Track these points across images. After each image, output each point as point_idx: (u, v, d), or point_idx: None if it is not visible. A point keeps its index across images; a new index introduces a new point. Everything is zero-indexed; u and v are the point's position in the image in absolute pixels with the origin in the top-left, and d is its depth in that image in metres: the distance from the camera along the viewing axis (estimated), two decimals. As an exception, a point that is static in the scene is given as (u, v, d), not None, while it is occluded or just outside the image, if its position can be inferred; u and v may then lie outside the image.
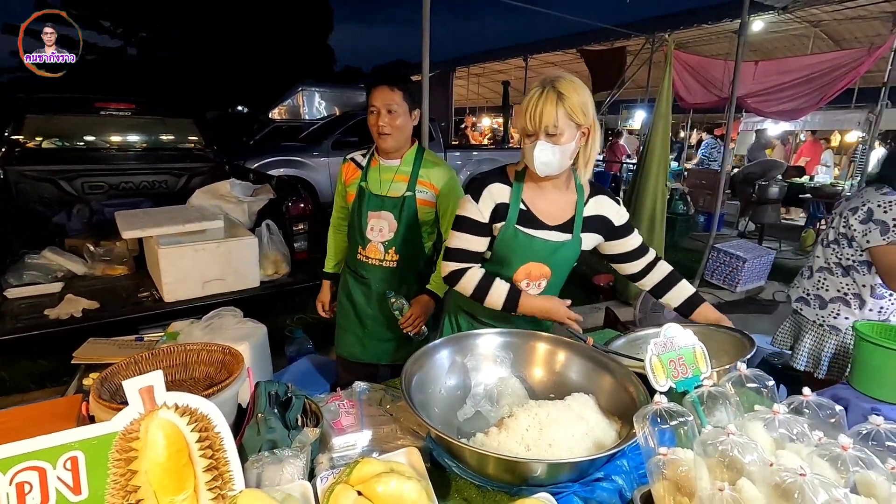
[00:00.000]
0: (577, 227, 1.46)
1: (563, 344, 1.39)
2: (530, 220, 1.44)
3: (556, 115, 1.29)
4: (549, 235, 1.45)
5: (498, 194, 1.43)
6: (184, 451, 0.87)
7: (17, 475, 0.77)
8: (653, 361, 1.06)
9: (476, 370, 1.36)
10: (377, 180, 1.83)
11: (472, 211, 1.44)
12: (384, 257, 1.85)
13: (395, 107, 1.72)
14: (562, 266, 1.51)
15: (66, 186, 4.09)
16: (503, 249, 1.45)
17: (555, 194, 1.46)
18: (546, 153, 1.32)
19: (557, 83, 1.30)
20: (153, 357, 1.10)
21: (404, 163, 1.82)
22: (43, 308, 2.38)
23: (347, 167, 1.92)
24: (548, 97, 1.29)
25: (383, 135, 1.73)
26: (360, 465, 0.94)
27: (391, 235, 1.82)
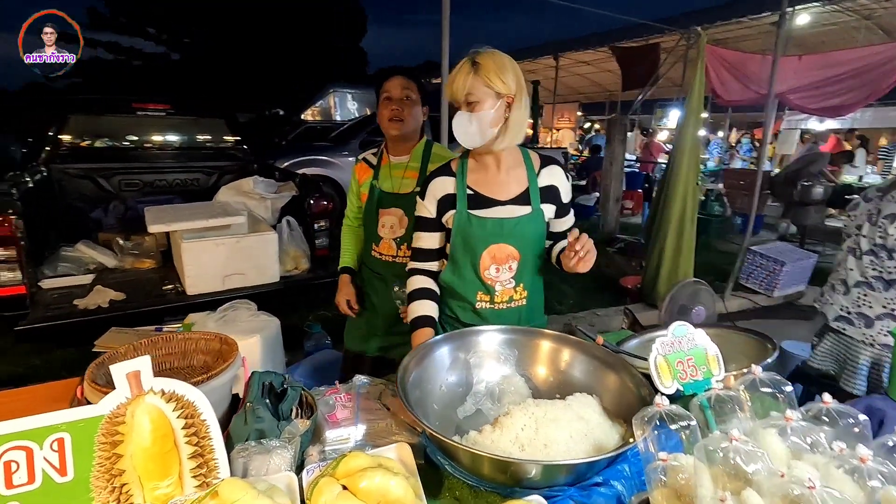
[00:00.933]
0: (535, 197, 1.40)
1: (569, 342, 1.33)
2: (480, 202, 1.40)
3: (469, 84, 1.29)
4: (503, 212, 1.39)
5: (440, 187, 1.43)
6: (169, 436, 0.87)
7: (4, 454, 0.78)
8: (658, 361, 1.00)
9: (478, 367, 1.32)
10: (388, 178, 1.83)
11: (420, 209, 1.47)
12: (397, 253, 1.85)
13: (410, 93, 1.73)
14: (529, 243, 1.41)
15: (104, 184, 4.27)
16: (460, 238, 1.40)
17: (501, 171, 1.41)
18: (463, 122, 1.31)
19: (476, 55, 1.31)
20: (152, 345, 1.12)
21: (413, 158, 1.82)
22: (73, 298, 2.49)
23: (360, 167, 1.94)
24: (463, 68, 1.30)
25: (395, 120, 1.72)
26: (347, 459, 0.92)
27: (403, 232, 1.81)
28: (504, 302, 1.44)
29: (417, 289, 1.47)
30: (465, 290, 1.43)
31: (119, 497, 0.83)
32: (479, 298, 1.43)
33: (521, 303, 1.46)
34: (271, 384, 1.10)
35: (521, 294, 1.46)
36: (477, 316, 1.45)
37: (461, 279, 1.44)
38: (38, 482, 0.80)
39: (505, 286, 1.43)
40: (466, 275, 1.42)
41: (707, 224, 6.96)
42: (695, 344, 1.05)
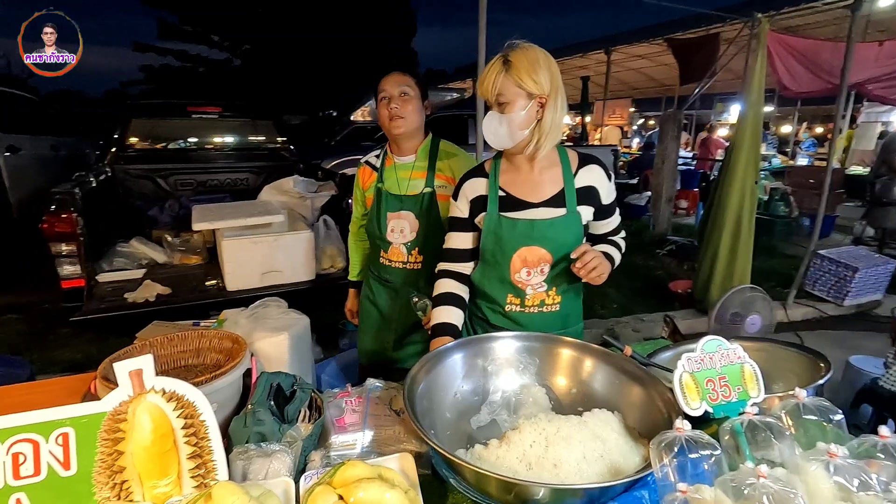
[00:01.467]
0: (571, 199, 1.33)
1: (594, 353, 1.25)
2: (512, 204, 1.35)
3: (500, 84, 1.23)
4: (536, 214, 1.33)
5: (472, 189, 1.40)
6: (169, 436, 0.87)
7: (13, 445, 0.81)
8: (683, 379, 0.90)
9: (496, 375, 1.26)
10: (394, 180, 1.74)
11: (453, 210, 1.44)
12: (407, 259, 1.76)
13: (407, 89, 1.64)
14: (563, 247, 1.33)
15: (162, 183, 4.52)
16: (490, 241, 1.36)
17: (534, 171, 1.35)
18: (493, 123, 1.27)
19: (509, 52, 1.26)
20: (168, 342, 1.14)
21: (419, 157, 1.73)
22: (125, 292, 2.63)
23: (363, 171, 1.86)
24: (493, 66, 1.25)
25: (396, 119, 1.63)
26: (345, 468, 0.89)
27: (413, 236, 1.73)
28: (535, 306, 1.38)
29: (443, 293, 1.43)
30: (495, 292, 1.40)
31: (120, 493, 0.84)
32: (510, 301, 1.39)
33: (554, 308, 1.40)
34: (279, 385, 1.09)
35: (555, 299, 1.39)
36: (507, 319, 1.40)
37: (491, 281, 1.41)
38: (43, 475, 0.82)
39: (536, 290, 1.37)
40: (496, 277, 1.39)
41: (770, 226, 6.49)
42: (729, 360, 0.95)
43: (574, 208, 1.33)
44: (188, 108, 4.66)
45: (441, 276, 1.47)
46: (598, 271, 1.26)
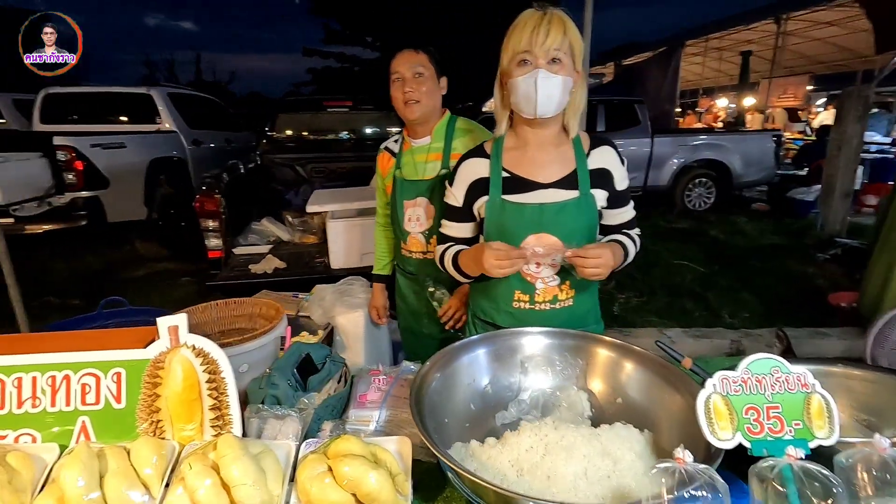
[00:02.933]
0: (584, 181, 1.19)
1: (647, 361, 1.09)
2: (518, 185, 1.21)
3: (560, 40, 1.10)
4: (545, 196, 1.19)
5: (471, 171, 1.27)
6: (196, 387, 0.98)
7: (83, 377, 0.98)
8: (711, 402, 0.74)
9: (532, 372, 1.18)
10: (411, 164, 1.65)
11: (448, 196, 1.33)
12: (426, 249, 1.65)
13: (421, 69, 1.54)
14: (576, 233, 1.19)
15: (300, 170, 5.08)
16: (494, 229, 1.23)
17: (545, 149, 1.21)
18: (551, 84, 1.11)
19: (556, 11, 1.12)
20: (226, 306, 1.28)
21: (435, 138, 1.62)
22: (250, 263, 3.04)
23: (382, 157, 1.77)
24: (553, 19, 1.10)
25: (410, 102, 1.54)
26: (340, 441, 0.92)
27: (430, 224, 1.62)
28: (547, 301, 1.25)
29: (449, 246, 1.33)
30: (500, 288, 1.27)
31: (155, 430, 0.97)
32: (517, 298, 1.26)
33: (567, 303, 1.26)
34: (308, 356, 1.15)
35: (568, 294, 1.25)
36: (514, 318, 1.27)
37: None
38: (101, 404, 0.98)
39: (548, 283, 1.24)
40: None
41: None
42: (788, 387, 0.75)
43: (587, 190, 1.20)
44: (324, 103, 5.15)
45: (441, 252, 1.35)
46: (598, 271, 1.12)
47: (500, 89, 1.23)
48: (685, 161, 7.02)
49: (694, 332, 3.32)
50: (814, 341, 3.19)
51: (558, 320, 1.24)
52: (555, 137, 1.25)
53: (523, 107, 1.17)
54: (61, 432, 0.98)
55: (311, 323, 2.10)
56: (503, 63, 1.19)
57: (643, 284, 4.31)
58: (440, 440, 0.96)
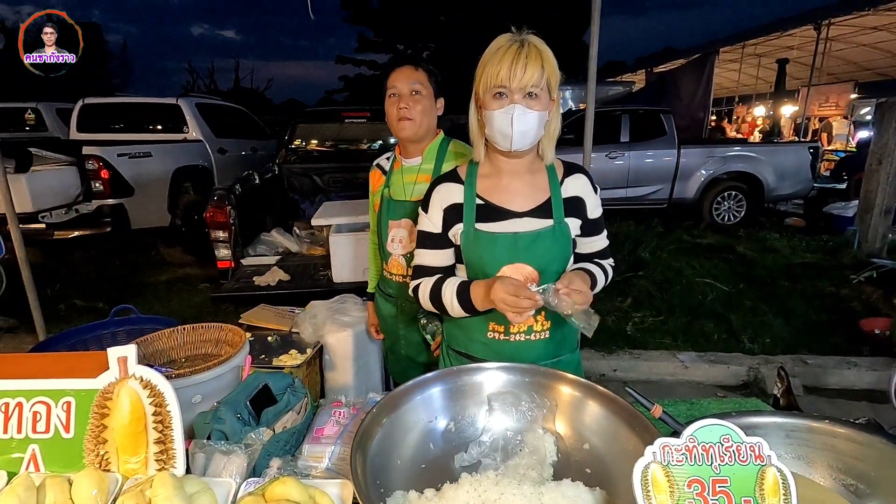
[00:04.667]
0: (558, 209, 1.19)
1: (616, 407, 1.02)
2: (491, 214, 1.17)
3: (537, 76, 1.06)
4: (518, 225, 1.16)
5: (446, 196, 1.23)
6: (142, 419, 0.97)
7: (34, 405, 0.99)
8: (650, 473, 0.67)
9: (495, 412, 1.12)
10: (400, 184, 1.62)
11: (423, 222, 1.27)
12: (407, 273, 1.60)
13: (419, 87, 1.50)
14: (551, 262, 1.18)
15: (317, 180, 5.14)
16: (470, 258, 1.19)
17: (519, 177, 1.18)
18: (526, 120, 1.08)
19: (532, 40, 1.08)
20: (193, 331, 1.27)
21: (426, 159, 1.58)
22: (255, 275, 3.07)
23: (374, 174, 1.74)
24: (530, 52, 1.06)
25: (404, 120, 1.51)
26: (277, 484, 0.89)
27: (412, 247, 1.52)
28: (521, 332, 1.21)
29: (438, 279, 1.24)
30: (474, 318, 1.23)
31: (101, 462, 0.97)
32: (492, 329, 1.22)
33: (543, 335, 1.21)
34: (265, 387, 1.13)
35: (544, 325, 1.21)
36: (488, 350, 1.23)
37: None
38: (51, 433, 0.98)
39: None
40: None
41: None
42: (739, 458, 0.68)
43: (562, 219, 1.18)
44: (342, 114, 5.21)
45: (417, 288, 1.28)
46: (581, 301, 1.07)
47: (477, 114, 1.19)
48: (714, 173, 6.77)
49: (709, 356, 3.18)
50: (840, 371, 3.00)
51: (534, 351, 1.21)
52: (529, 165, 1.22)
53: (499, 140, 1.14)
54: (13, 460, 0.98)
55: (301, 341, 2.10)
56: (478, 90, 1.15)
57: (661, 302, 4.15)
58: (385, 484, 0.93)
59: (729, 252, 5.60)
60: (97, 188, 4.56)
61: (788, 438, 0.98)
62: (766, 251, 5.69)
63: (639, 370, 3.14)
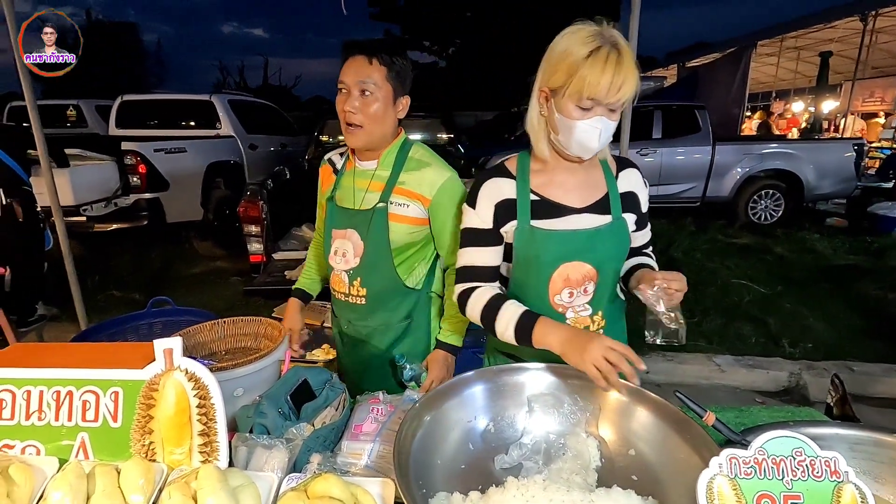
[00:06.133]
0: (616, 204, 1.15)
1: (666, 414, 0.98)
2: (549, 210, 1.13)
3: (629, 87, 1.01)
4: (579, 222, 1.12)
5: (497, 191, 1.16)
6: (186, 411, 0.98)
7: (84, 394, 1.01)
8: (716, 486, 0.64)
9: (536, 413, 1.10)
10: (350, 189, 1.40)
11: (471, 219, 1.18)
12: (349, 291, 1.41)
13: (370, 86, 1.25)
14: (610, 260, 1.14)
15: (346, 176, 5.18)
16: (524, 256, 1.14)
17: (574, 173, 1.14)
18: (609, 132, 1.06)
19: (623, 46, 1.01)
20: (234, 324, 1.28)
21: (381, 165, 1.37)
22: (285, 270, 3.11)
23: (325, 171, 1.51)
24: (628, 64, 1.00)
25: (350, 126, 1.28)
26: (320, 480, 0.89)
27: (356, 262, 1.37)
28: None
29: (495, 296, 1.14)
30: None
31: (147, 452, 0.98)
32: None
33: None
34: (305, 381, 1.13)
35: (599, 324, 1.18)
36: (538, 351, 1.19)
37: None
38: (100, 422, 1.00)
39: (578, 314, 1.17)
40: (531, 301, 1.17)
41: None
42: (814, 474, 0.64)
43: (619, 215, 1.15)
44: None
45: (466, 294, 1.18)
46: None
47: (544, 104, 1.11)
48: (750, 170, 6.55)
49: (748, 360, 3.07)
50: (887, 379, 2.86)
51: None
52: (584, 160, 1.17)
53: (575, 150, 1.09)
54: (63, 446, 1.00)
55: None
56: (553, 82, 1.06)
57: (695, 304, 4.04)
58: (427, 485, 0.91)
59: (766, 253, 5.41)
60: (135, 183, 4.70)
61: (853, 452, 0.93)
62: (806, 252, 5.48)
63: (672, 373, 3.06)
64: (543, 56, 1.10)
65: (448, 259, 1.44)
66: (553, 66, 1.05)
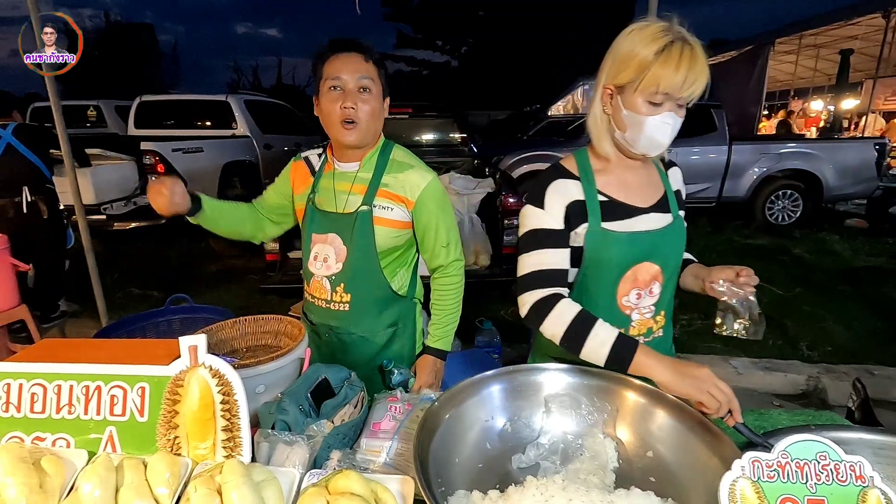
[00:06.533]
0: (674, 203, 1.17)
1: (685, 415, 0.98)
2: (618, 211, 1.11)
3: (701, 81, 1.01)
4: (648, 222, 1.12)
5: (566, 192, 1.12)
6: (210, 407, 1.00)
7: (112, 389, 1.04)
8: (738, 489, 0.64)
9: (553, 413, 1.10)
10: (330, 192, 1.36)
11: (539, 219, 1.12)
12: (331, 298, 1.38)
13: (369, 83, 1.24)
14: (673, 258, 1.15)
15: (360, 176, 5.22)
16: (596, 259, 1.11)
17: (635, 172, 1.14)
18: (677, 128, 1.05)
19: (694, 42, 1.00)
20: (254, 322, 1.30)
21: (364, 167, 1.34)
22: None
23: (298, 169, 1.45)
24: (699, 56, 1.00)
25: (349, 124, 1.25)
26: (340, 476, 0.90)
27: (339, 268, 1.35)
28: (640, 335, 1.17)
29: (581, 313, 1.07)
30: None
31: (172, 446, 1.01)
32: None
33: (658, 334, 1.19)
34: (325, 380, 1.15)
35: (660, 324, 1.18)
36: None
37: (589, 310, 1.11)
38: (127, 416, 1.03)
39: (643, 315, 1.16)
40: (597, 303, 1.14)
41: None
42: (836, 478, 0.63)
43: (678, 213, 1.16)
44: (384, 110, 5.26)
45: (547, 306, 1.09)
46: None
47: (608, 102, 1.09)
48: (767, 170, 6.45)
49: (764, 363, 3.03)
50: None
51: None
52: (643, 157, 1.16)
53: (642, 146, 1.08)
54: (91, 440, 1.03)
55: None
56: (620, 79, 1.05)
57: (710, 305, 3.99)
58: (446, 482, 0.92)
59: (783, 254, 5.34)
60: (153, 182, 4.77)
61: (876, 457, 0.92)
62: (825, 253, 5.39)
63: (687, 375, 3.02)
64: (607, 53, 1.09)
65: (432, 262, 1.44)
66: (621, 63, 1.04)
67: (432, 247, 1.40)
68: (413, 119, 5.36)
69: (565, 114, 12.12)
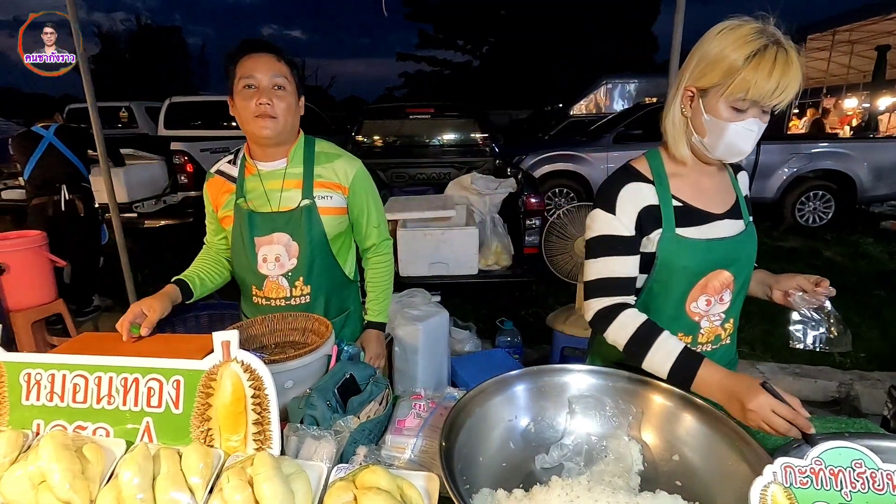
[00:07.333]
0: (745, 209, 1.14)
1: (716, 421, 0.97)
2: (692, 217, 1.08)
3: (793, 88, 0.95)
4: (720, 229, 1.09)
5: (638, 196, 1.08)
6: (242, 400, 1.03)
7: (149, 381, 1.07)
8: (770, 495, 0.63)
9: (577, 415, 1.10)
10: (260, 193, 1.37)
11: (609, 225, 1.09)
12: (291, 293, 1.40)
13: (283, 81, 1.28)
14: (745, 267, 1.12)
15: (382, 176, 5.25)
16: (669, 266, 1.07)
17: (709, 176, 1.11)
18: (759, 135, 1.01)
19: (788, 45, 0.95)
20: (283, 319, 1.33)
21: (292, 162, 1.37)
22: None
23: (213, 184, 1.44)
24: (794, 61, 0.94)
25: (265, 118, 1.27)
26: (367, 471, 0.92)
27: (294, 263, 1.38)
28: (709, 343, 1.15)
29: (646, 323, 1.05)
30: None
31: (205, 438, 1.04)
32: (678, 339, 1.10)
33: (726, 342, 1.17)
34: (351, 376, 1.17)
35: (729, 331, 1.16)
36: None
37: (656, 316, 1.09)
38: (163, 408, 1.07)
39: (713, 323, 1.14)
40: (665, 311, 1.12)
41: None
42: (872, 486, 0.62)
43: (749, 219, 1.13)
44: (406, 110, 5.30)
45: (611, 314, 1.08)
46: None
47: (687, 104, 1.06)
48: (798, 171, 6.27)
49: (793, 369, 2.95)
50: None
51: (719, 362, 1.05)
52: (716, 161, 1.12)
53: (720, 152, 1.04)
54: (129, 430, 1.07)
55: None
56: (704, 82, 1.01)
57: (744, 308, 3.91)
58: (470, 480, 0.93)
59: (814, 257, 5.19)
60: (182, 181, 4.92)
61: (913, 466, 0.89)
62: (859, 256, 5.22)
63: (712, 379, 2.97)
64: (691, 53, 1.05)
65: (365, 243, 1.53)
66: (707, 65, 0.99)
67: (365, 228, 1.49)
68: (435, 119, 5.39)
69: (587, 113, 12.01)
